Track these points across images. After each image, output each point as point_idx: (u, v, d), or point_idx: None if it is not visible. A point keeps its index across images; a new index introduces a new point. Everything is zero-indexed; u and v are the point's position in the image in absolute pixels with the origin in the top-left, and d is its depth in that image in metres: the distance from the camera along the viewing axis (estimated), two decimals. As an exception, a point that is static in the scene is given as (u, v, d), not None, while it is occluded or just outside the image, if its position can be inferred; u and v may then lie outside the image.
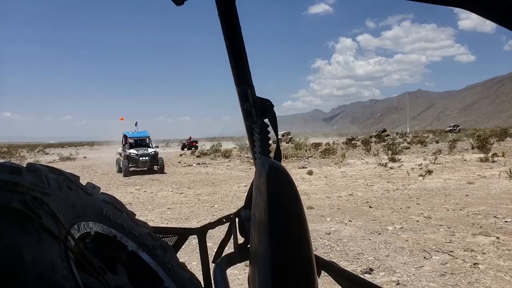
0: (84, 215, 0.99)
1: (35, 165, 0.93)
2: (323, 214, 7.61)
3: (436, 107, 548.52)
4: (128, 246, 1.14)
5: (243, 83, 1.28)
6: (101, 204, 1.11)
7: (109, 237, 1.09)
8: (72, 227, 0.90)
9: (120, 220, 1.16)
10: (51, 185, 0.90)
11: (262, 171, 1.03)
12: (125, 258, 1.13)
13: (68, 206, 0.92)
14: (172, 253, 1.35)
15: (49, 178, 0.92)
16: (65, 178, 0.99)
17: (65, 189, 0.95)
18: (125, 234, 1.15)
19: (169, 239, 1.52)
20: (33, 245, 0.67)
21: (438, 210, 7.58)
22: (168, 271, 1.23)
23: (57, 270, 0.68)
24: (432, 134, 55.38)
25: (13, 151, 34.79)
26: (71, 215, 0.93)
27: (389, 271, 4.45)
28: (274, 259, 0.92)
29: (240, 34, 1.23)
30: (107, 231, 1.08)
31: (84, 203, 1.02)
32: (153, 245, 1.25)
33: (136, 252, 1.16)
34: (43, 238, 0.71)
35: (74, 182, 1.04)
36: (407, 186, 10.92)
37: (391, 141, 32.68)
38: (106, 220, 1.09)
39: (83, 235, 0.97)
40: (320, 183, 12.26)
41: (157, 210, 8.79)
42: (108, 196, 1.19)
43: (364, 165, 17.19)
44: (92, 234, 1.02)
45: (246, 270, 4.51)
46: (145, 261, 1.18)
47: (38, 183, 0.85)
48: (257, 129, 1.34)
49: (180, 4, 1.03)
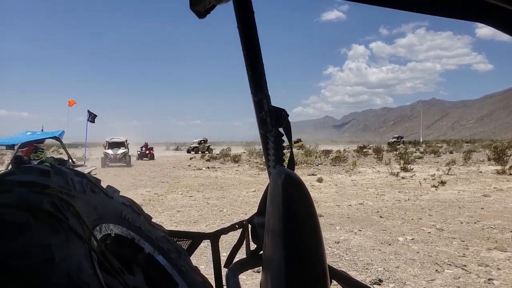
0: (105, 217, 1.02)
1: (61, 168, 0.97)
2: (332, 223, 7.57)
3: (450, 116, 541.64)
4: (145, 248, 1.17)
5: (259, 92, 1.31)
6: (120, 207, 1.15)
7: (128, 239, 1.12)
8: (95, 229, 0.93)
9: (138, 223, 1.19)
10: (76, 188, 0.93)
11: (277, 180, 1.05)
12: (142, 260, 1.16)
13: (91, 208, 0.96)
14: (186, 257, 1.37)
15: (74, 181, 0.95)
16: (88, 181, 1.03)
17: (89, 191, 0.99)
18: (142, 236, 1.18)
19: (183, 243, 1.55)
20: (62, 245, 0.70)
21: (451, 223, 7.48)
22: (182, 274, 1.25)
23: (83, 269, 0.70)
24: (446, 144, 54.66)
25: (28, 150, 35.27)
26: (94, 217, 0.96)
27: (399, 283, 4.41)
28: (288, 267, 0.93)
29: (258, 45, 1.26)
30: (126, 233, 1.11)
31: (105, 205, 1.05)
32: (169, 248, 1.28)
33: (152, 254, 1.19)
34: (71, 239, 0.74)
35: (96, 185, 1.07)
36: (419, 196, 10.80)
37: (403, 150, 32.36)
38: (125, 223, 1.12)
39: (104, 237, 1.00)
40: (330, 191, 12.20)
41: (167, 213, 8.85)
42: (127, 199, 1.23)
43: (376, 174, 17.06)
44: (112, 236, 1.05)
45: (254, 276, 4.52)
46: (161, 264, 1.20)
47: (65, 186, 0.88)
48: (271, 137, 1.36)
49: (202, 17, 1.06)
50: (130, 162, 25.78)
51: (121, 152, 26.39)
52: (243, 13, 1.19)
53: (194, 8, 1.17)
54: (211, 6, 1.17)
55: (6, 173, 0.87)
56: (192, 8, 1.17)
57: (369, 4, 0.74)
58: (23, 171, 0.87)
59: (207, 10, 1.18)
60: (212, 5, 1.16)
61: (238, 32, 1.22)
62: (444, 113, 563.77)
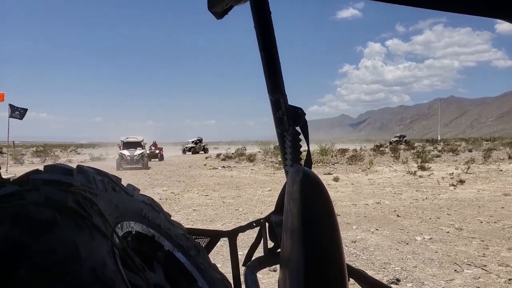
0: (126, 215, 1.05)
1: (83, 167, 1.00)
2: (349, 222, 7.52)
3: (469, 114, 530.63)
4: (165, 245, 1.19)
5: (276, 91, 1.32)
6: (140, 205, 1.17)
7: (148, 237, 1.14)
8: (116, 226, 0.96)
9: (157, 221, 1.21)
10: (98, 186, 0.96)
11: (296, 178, 1.06)
12: (162, 257, 1.19)
13: (113, 206, 0.98)
14: (205, 254, 1.39)
15: (96, 179, 0.98)
16: (109, 179, 1.05)
17: (110, 190, 1.01)
18: (162, 234, 1.20)
19: (201, 241, 1.57)
20: (87, 241, 0.72)
21: (471, 222, 7.34)
22: (201, 271, 1.27)
23: (107, 265, 0.72)
24: (465, 142, 53.59)
25: (48, 150, 36.16)
26: (115, 214, 0.98)
27: (417, 282, 4.35)
28: (306, 265, 0.94)
29: (274, 44, 1.27)
30: (146, 231, 1.13)
31: (126, 203, 1.08)
32: (188, 246, 1.30)
33: (172, 252, 1.21)
34: (94, 236, 0.76)
35: (117, 184, 1.10)
36: (437, 195, 10.63)
37: (421, 149, 31.88)
38: (145, 220, 1.15)
39: (125, 234, 1.02)
40: (347, 190, 12.11)
41: (183, 212, 8.93)
42: (147, 197, 1.25)
43: (392, 173, 16.85)
44: (133, 233, 1.07)
45: (271, 274, 4.53)
46: (180, 261, 1.23)
47: (87, 184, 0.91)
48: (288, 136, 1.37)
49: (220, 18, 1.07)
50: (148, 164, 24.09)
51: (138, 153, 24.05)
52: (260, 13, 1.20)
53: (212, 9, 1.19)
54: (229, 7, 1.18)
55: (32, 172, 0.90)
56: (210, 9, 1.19)
57: (385, 2, 0.74)
58: (48, 170, 0.90)
59: (225, 11, 1.20)
60: (230, 5, 1.17)
61: (255, 32, 1.23)
62: (462, 110, 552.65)
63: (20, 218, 0.69)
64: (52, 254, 0.65)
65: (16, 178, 0.90)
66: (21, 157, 29.07)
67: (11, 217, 0.68)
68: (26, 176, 0.87)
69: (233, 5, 1.17)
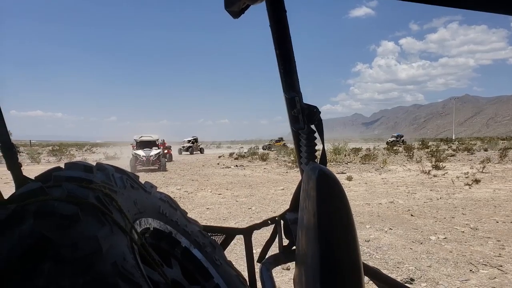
0: (144, 211, 1.07)
1: (103, 165, 1.03)
2: (362, 221, 7.47)
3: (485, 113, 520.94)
4: (182, 242, 1.22)
5: (291, 90, 1.33)
6: (158, 202, 1.19)
7: (165, 233, 1.16)
8: (135, 222, 0.98)
9: (174, 218, 1.24)
10: (117, 183, 0.98)
11: (312, 176, 1.07)
12: (179, 254, 1.21)
13: (131, 203, 1.01)
14: (221, 251, 1.41)
15: (115, 177, 1.00)
16: (128, 177, 1.08)
17: (129, 187, 1.04)
18: (179, 231, 1.22)
19: (217, 238, 1.59)
20: (107, 236, 0.75)
21: (486, 222, 7.23)
22: (217, 268, 1.29)
23: (127, 259, 0.75)
24: (480, 141, 52.64)
25: (63, 149, 36.72)
26: (134, 211, 1.01)
27: (431, 282, 4.31)
28: (322, 262, 0.95)
29: (290, 43, 1.28)
30: (164, 228, 1.16)
31: (144, 200, 1.10)
32: (204, 243, 1.32)
33: (188, 248, 1.23)
34: (115, 231, 0.78)
35: (135, 181, 1.12)
36: (451, 195, 10.48)
37: (435, 148, 31.45)
38: (162, 217, 1.17)
39: (143, 230, 1.05)
40: (360, 190, 12.03)
41: (197, 210, 8.99)
42: (164, 195, 1.28)
43: (406, 172, 16.67)
44: (151, 230, 1.10)
45: (284, 273, 4.54)
46: (196, 257, 1.25)
47: (107, 181, 0.93)
48: (304, 134, 1.38)
49: (236, 17, 1.09)
50: (165, 165, 21.32)
51: (154, 153, 21.55)
52: (276, 12, 1.21)
53: (229, 9, 1.20)
54: (245, 6, 1.19)
55: (53, 169, 0.93)
56: (227, 9, 1.20)
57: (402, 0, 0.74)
58: (69, 167, 0.93)
59: (242, 10, 1.21)
60: (246, 5, 1.18)
61: (271, 31, 1.24)
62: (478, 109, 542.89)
63: (45, 214, 0.71)
64: (75, 248, 0.68)
65: (38, 175, 0.94)
66: (37, 156, 29.57)
67: (36, 212, 0.71)
68: (48, 173, 0.89)
69: (249, 4, 1.18)
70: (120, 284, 0.68)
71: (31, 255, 0.65)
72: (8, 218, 0.70)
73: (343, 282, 0.96)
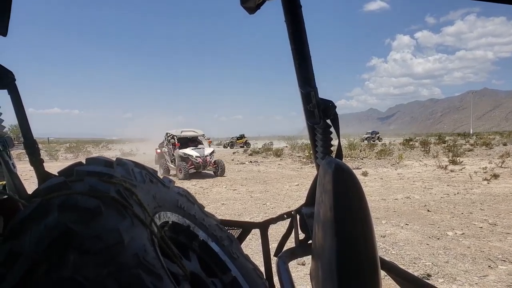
0: (163, 205, 1.09)
1: (122, 160, 1.05)
2: (378, 217, 7.42)
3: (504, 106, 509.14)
4: (200, 235, 1.24)
5: (307, 84, 1.33)
6: (176, 196, 1.22)
7: (184, 227, 1.19)
8: (154, 216, 1.00)
9: (192, 212, 1.26)
10: (136, 178, 1.00)
11: (328, 170, 1.07)
12: (196, 247, 1.23)
13: (151, 197, 1.03)
14: (238, 245, 1.43)
15: (135, 171, 1.02)
16: (147, 172, 1.10)
17: (148, 181, 1.06)
18: (197, 224, 1.25)
19: (233, 232, 1.61)
20: (129, 229, 0.77)
21: (505, 217, 7.09)
22: (234, 261, 1.31)
23: (148, 251, 0.77)
24: (499, 136, 51.49)
25: (80, 146, 37.37)
26: (153, 205, 1.03)
27: (448, 278, 4.27)
28: (339, 255, 0.95)
29: (305, 38, 1.28)
30: (182, 221, 1.18)
31: (163, 194, 1.12)
32: (221, 236, 1.34)
33: (206, 241, 1.25)
34: (135, 224, 0.81)
35: (154, 176, 1.14)
36: (469, 190, 10.31)
37: (452, 143, 30.91)
38: (180, 211, 1.19)
39: (162, 224, 1.07)
40: (375, 185, 11.93)
41: (212, 206, 9.06)
42: (182, 189, 1.30)
43: (423, 167, 16.45)
44: (170, 223, 1.12)
45: (299, 268, 4.55)
46: (214, 251, 1.27)
47: (127, 176, 0.96)
48: (319, 129, 1.38)
49: (252, 13, 1.09)
50: (225, 168, 16.18)
51: (208, 152, 16.00)
52: (291, 7, 1.21)
53: (245, 5, 1.21)
54: (261, 2, 1.20)
55: (75, 164, 0.95)
56: (243, 5, 1.21)
57: None
58: (90, 162, 0.96)
59: (258, 5, 1.22)
60: (262, 0, 1.19)
61: (286, 26, 1.24)
62: (497, 103, 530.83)
63: (68, 207, 0.74)
64: (98, 240, 0.70)
65: (61, 170, 0.96)
66: (55, 153, 30.15)
67: (60, 205, 0.73)
68: (71, 168, 0.92)
69: (265, 0, 1.19)
70: (142, 275, 0.70)
71: (57, 247, 0.67)
72: (34, 211, 0.72)
73: (360, 275, 0.97)
